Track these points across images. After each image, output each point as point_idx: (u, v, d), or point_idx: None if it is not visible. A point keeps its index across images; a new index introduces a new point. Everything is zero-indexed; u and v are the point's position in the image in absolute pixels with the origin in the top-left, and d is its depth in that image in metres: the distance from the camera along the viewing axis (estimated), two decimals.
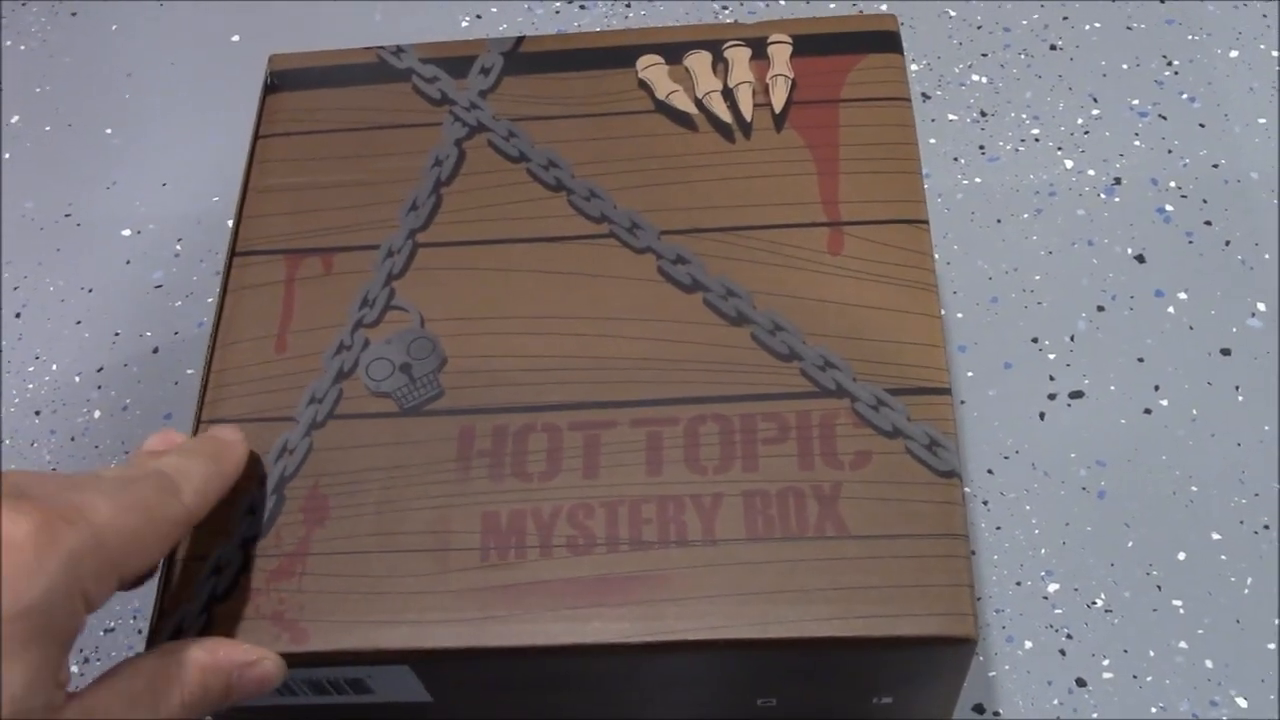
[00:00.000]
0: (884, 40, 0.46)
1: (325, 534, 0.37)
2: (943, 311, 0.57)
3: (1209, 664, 0.48)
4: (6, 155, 0.69)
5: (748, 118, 0.44)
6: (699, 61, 0.46)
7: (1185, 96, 0.63)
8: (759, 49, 0.46)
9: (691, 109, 0.45)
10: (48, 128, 0.70)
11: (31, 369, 0.61)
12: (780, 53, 0.45)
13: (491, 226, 0.43)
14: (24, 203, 0.67)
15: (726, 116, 0.44)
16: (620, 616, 0.35)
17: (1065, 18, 0.66)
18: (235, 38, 0.72)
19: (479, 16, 0.71)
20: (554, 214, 0.43)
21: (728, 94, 0.45)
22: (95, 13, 0.75)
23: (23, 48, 0.74)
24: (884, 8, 0.68)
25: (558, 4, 0.70)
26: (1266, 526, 0.51)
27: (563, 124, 0.45)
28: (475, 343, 0.40)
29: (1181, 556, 0.50)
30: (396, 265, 0.42)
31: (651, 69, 0.46)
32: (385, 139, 0.45)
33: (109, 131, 0.69)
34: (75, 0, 0.76)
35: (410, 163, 0.44)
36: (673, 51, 0.46)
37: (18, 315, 0.63)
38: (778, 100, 0.44)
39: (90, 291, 0.63)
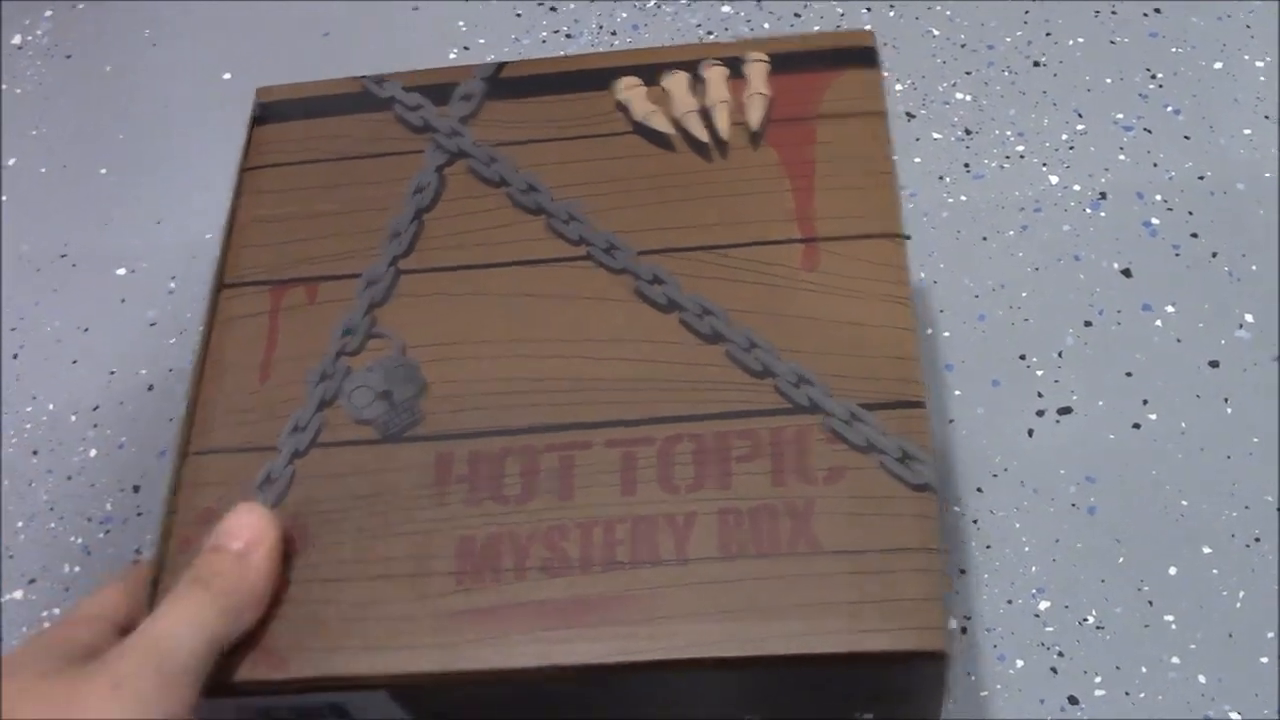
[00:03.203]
0: (861, 56, 0.46)
1: (305, 561, 0.38)
2: (929, 330, 0.57)
3: (1202, 679, 0.48)
4: (4, 197, 0.70)
5: (724, 136, 0.44)
6: (676, 82, 0.46)
7: (1170, 109, 0.63)
8: (737, 68, 0.46)
9: (669, 129, 0.45)
10: (43, 169, 0.71)
11: (29, 409, 0.62)
12: (757, 71, 0.46)
13: (472, 252, 0.43)
14: (20, 244, 0.68)
15: (704, 135, 0.45)
16: (593, 638, 0.35)
17: (1048, 34, 0.66)
18: (227, 75, 0.73)
19: (466, 48, 0.71)
20: (533, 237, 0.43)
21: (705, 113, 0.45)
22: (89, 54, 0.76)
23: (19, 91, 0.75)
24: (867, 28, 0.68)
25: (544, 34, 0.71)
26: (1258, 539, 0.50)
27: (543, 147, 0.45)
28: (455, 368, 0.41)
29: (1173, 571, 0.50)
30: (378, 293, 0.43)
31: (630, 90, 0.46)
32: (368, 168, 0.46)
33: (104, 171, 0.70)
34: (76, 21, 0.77)
35: (393, 191, 0.45)
36: (651, 73, 0.46)
37: (15, 356, 0.63)
38: (754, 118, 0.45)
39: (86, 331, 0.64)
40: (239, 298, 0.43)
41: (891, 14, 0.69)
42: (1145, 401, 0.54)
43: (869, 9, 0.69)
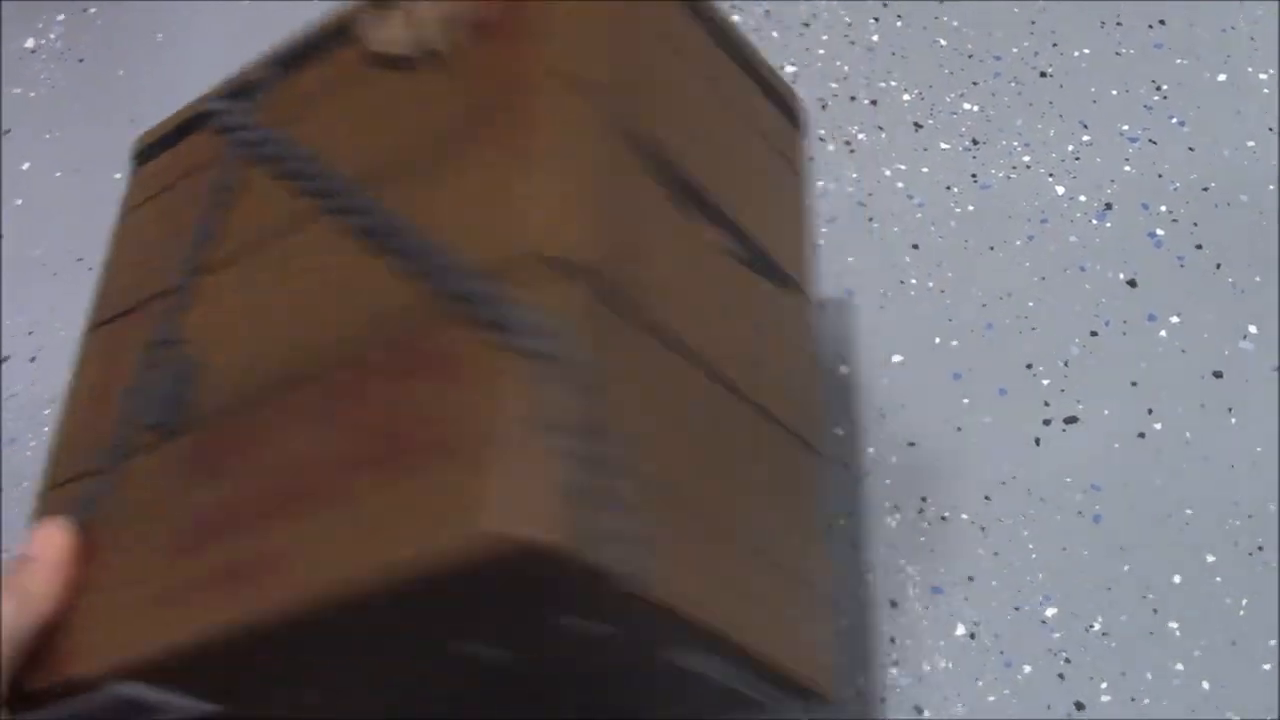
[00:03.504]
0: None
1: (91, 572, 0.40)
2: (937, 339, 0.58)
3: (1206, 685, 0.49)
4: (18, 201, 0.70)
5: (457, 43, 0.42)
6: (409, 2, 0.43)
7: (1175, 120, 0.64)
8: None
9: (407, 50, 0.42)
10: (58, 173, 0.71)
11: (47, 412, 0.62)
12: None
13: (258, 237, 0.44)
14: (36, 249, 0.68)
15: (441, 46, 0.42)
16: (243, 600, 0.35)
17: (1055, 44, 0.67)
18: None
19: None
20: (301, 208, 0.42)
21: (440, 22, 0.42)
22: (102, 58, 0.76)
23: (32, 94, 0.75)
24: (875, 38, 0.69)
25: None
26: (1261, 548, 0.51)
27: (320, 113, 0.45)
28: (224, 356, 0.42)
29: (1177, 579, 0.51)
30: (181, 300, 0.44)
31: (368, 25, 0.44)
32: (193, 185, 0.47)
33: (117, 176, 0.71)
34: (88, 25, 0.77)
35: (205, 201, 0.46)
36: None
37: (32, 360, 0.64)
38: (481, 17, 0.41)
39: None
40: (96, 338, 0.47)
41: (899, 24, 0.69)
42: (1150, 411, 0.55)
43: (876, 19, 0.70)
